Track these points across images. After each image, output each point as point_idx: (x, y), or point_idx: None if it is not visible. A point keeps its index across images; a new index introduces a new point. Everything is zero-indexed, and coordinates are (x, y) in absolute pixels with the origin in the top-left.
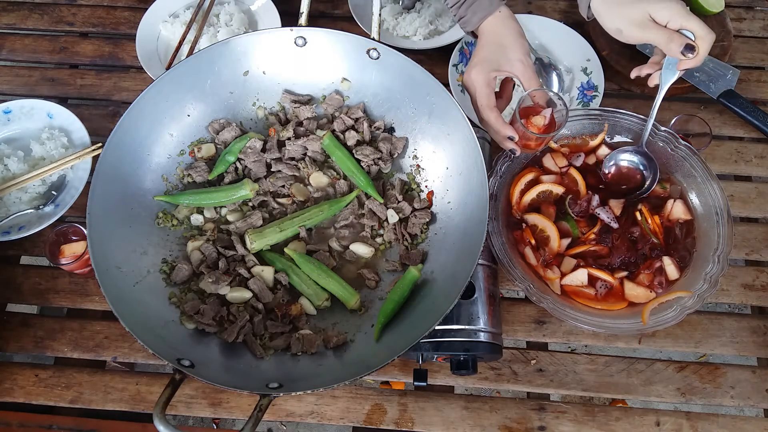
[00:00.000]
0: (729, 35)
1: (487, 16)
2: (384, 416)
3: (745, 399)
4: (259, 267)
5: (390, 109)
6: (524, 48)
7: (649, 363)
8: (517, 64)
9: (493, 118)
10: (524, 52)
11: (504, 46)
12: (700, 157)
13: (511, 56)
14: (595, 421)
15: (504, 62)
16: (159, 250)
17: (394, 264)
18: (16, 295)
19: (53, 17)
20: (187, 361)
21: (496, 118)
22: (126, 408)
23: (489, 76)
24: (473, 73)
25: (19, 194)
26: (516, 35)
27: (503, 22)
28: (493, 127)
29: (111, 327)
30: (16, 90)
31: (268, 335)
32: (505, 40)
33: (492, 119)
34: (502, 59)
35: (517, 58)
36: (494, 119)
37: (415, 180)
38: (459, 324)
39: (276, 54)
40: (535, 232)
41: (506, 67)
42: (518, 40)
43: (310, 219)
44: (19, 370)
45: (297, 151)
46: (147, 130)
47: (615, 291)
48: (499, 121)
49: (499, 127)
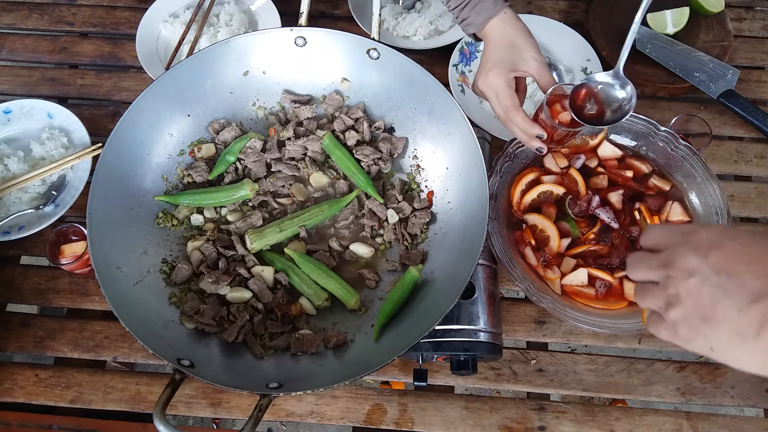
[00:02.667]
0: (729, 35)
1: (492, 18)
2: (384, 416)
3: (745, 399)
4: (259, 267)
5: (390, 109)
6: (536, 46)
7: (649, 363)
8: (532, 63)
9: (520, 119)
10: (537, 50)
11: (516, 47)
12: (700, 157)
13: (526, 55)
14: (595, 421)
15: (519, 62)
16: (159, 250)
17: (394, 264)
18: (16, 295)
19: (53, 17)
20: (187, 361)
21: (524, 118)
22: (126, 408)
23: (508, 77)
24: (491, 77)
25: (19, 194)
26: (525, 35)
27: (510, 23)
28: (521, 127)
29: (111, 327)
30: (16, 90)
31: (268, 335)
32: (517, 41)
33: (519, 120)
34: (517, 59)
35: (531, 57)
36: (521, 119)
37: (415, 180)
38: (459, 324)
39: (276, 54)
40: (535, 233)
41: (522, 67)
42: (529, 39)
43: (310, 219)
44: (19, 370)
45: (297, 151)
46: (147, 130)
47: (615, 290)
48: (527, 120)
49: (527, 126)
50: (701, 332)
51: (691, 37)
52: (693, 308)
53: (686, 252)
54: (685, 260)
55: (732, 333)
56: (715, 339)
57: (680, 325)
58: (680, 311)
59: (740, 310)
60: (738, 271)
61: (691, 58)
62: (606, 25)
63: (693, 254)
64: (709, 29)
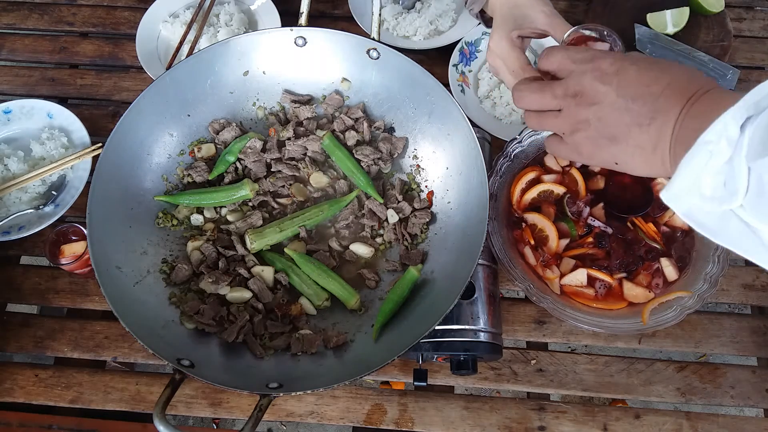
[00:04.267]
0: (729, 35)
1: None
2: (384, 416)
3: (745, 399)
4: (259, 267)
5: (390, 109)
6: (543, 0)
7: (649, 363)
8: (539, 16)
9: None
10: (544, 3)
11: (519, 5)
12: None
13: (530, 12)
14: (595, 421)
15: (522, 19)
16: (159, 250)
17: (394, 264)
18: (16, 295)
19: (53, 17)
20: (187, 361)
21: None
22: (126, 408)
23: (511, 36)
24: (494, 43)
25: (19, 194)
26: None
27: None
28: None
29: (111, 327)
30: (16, 90)
31: (268, 335)
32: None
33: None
34: (519, 17)
35: (538, 10)
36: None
37: (415, 180)
38: (459, 324)
39: (276, 54)
40: (534, 232)
41: (527, 23)
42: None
43: (310, 219)
44: (19, 370)
45: (297, 151)
46: (147, 130)
47: (614, 291)
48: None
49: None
50: (606, 150)
51: (691, 37)
52: (600, 130)
53: (593, 80)
54: (593, 87)
55: (634, 147)
56: (621, 154)
57: (584, 145)
58: (586, 133)
59: (641, 126)
60: (639, 93)
61: (691, 58)
62: (606, 25)
63: (599, 82)
64: (709, 29)
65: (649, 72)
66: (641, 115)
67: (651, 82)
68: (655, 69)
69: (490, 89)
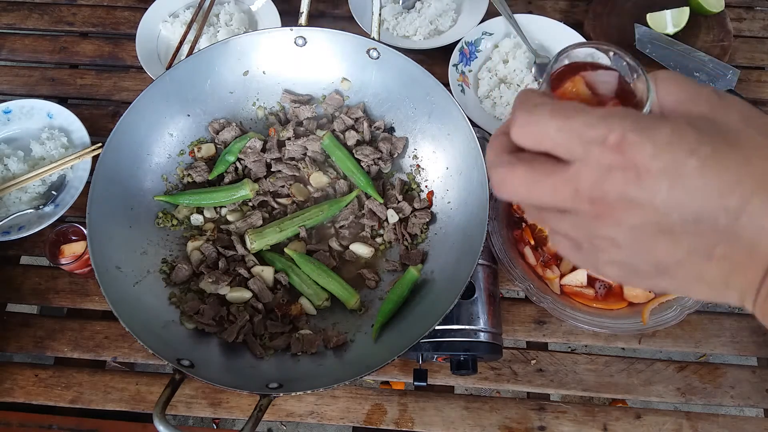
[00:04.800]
0: (729, 35)
1: None
2: (384, 416)
3: (745, 399)
4: (259, 267)
5: (390, 109)
6: None
7: (649, 363)
8: None
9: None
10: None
11: None
12: None
13: None
14: (595, 421)
15: None
16: (159, 250)
17: (394, 264)
18: (16, 295)
19: (53, 17)
20: (187, 361)
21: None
22: (126, 408)
23: None
24: None
25: (19, 194)
26: None
27: None
28: None
29: (111, 327)
30: (16, 90)
31: (268, 335)
32: None
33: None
34: None
35: None
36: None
37: (415, 180)
38: (459, 324)
39: (276, 54)
40: (534, 232)
41: None
42: None
43: (310, 219)
44: (19, 370)
45: (297, 151)
46: (147, 130)
47: (614, 291)
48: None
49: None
50: (647, 280)
51: (691, 37)
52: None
53: (624, 185)
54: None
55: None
56: (671, 287)
57: (608, 268)
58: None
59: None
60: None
61: (691, 58)
62: (606, 25)
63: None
64: (709, 29)
65: (720, 166)
66: (709, 244)
67: (725, 188)
68: (732, 161)
69: (490, 89)
